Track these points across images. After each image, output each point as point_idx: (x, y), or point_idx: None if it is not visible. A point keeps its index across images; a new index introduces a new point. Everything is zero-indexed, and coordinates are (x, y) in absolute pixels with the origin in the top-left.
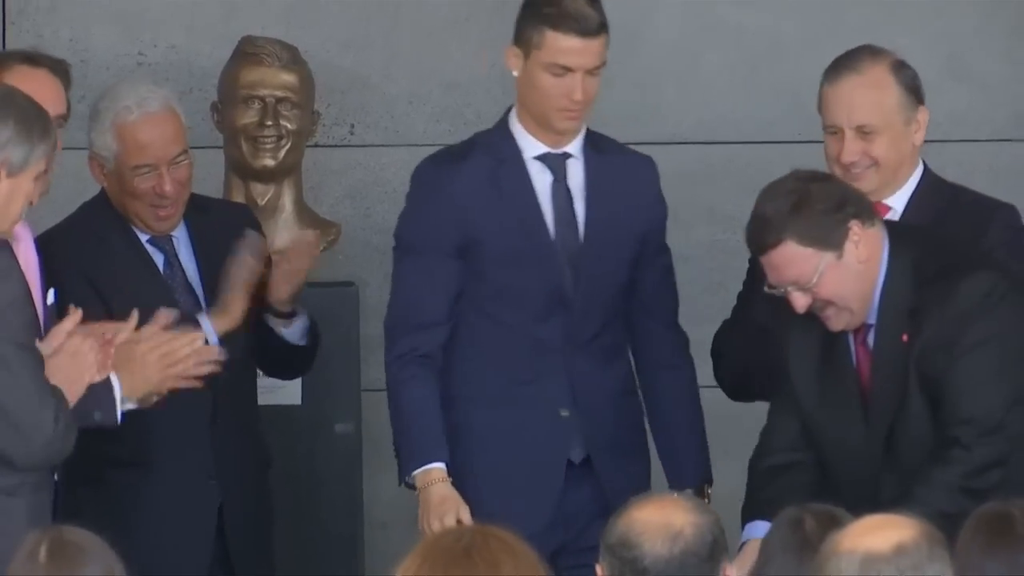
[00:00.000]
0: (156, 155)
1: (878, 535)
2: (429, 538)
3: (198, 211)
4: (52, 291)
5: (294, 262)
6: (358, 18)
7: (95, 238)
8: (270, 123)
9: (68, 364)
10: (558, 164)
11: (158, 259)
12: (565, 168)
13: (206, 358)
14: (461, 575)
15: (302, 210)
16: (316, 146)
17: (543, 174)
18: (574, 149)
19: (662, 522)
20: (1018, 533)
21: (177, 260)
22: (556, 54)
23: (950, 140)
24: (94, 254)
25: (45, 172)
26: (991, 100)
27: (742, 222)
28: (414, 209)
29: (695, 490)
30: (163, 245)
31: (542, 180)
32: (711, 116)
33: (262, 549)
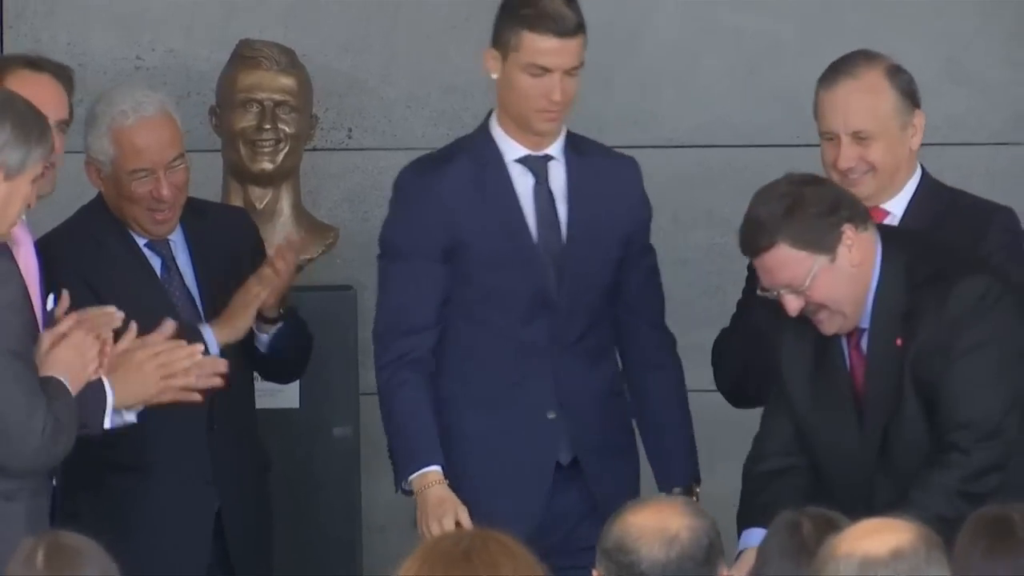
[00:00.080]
0: (153, 159)
1: (876, 539)
2: (428, 541)
3: (195, 215)
4: (52, 296)
5: (276, 267)
6: (356, 21)
7: (92, 242)
8: (268, 127)
9: (71, 355)
10: (539, 166)
11: (155, 263)
12: (547, 170)
13: (209, 370)
14: None
15: (300, 214)
16: (314, 150)
17: (525, 177)
18: (555, 151)
19: (658, 526)
20: (1019, 537)
21: (174, 264)
22: (534, 55)
23: (948, 143)
24: (91, 258)
25: (42, 175)
26: (989, 103)
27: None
28: (398, 215)
29: (684, 489)
30: (160, 249)
31: (524, 183)
32: (709, 119)
33: (261, 552)
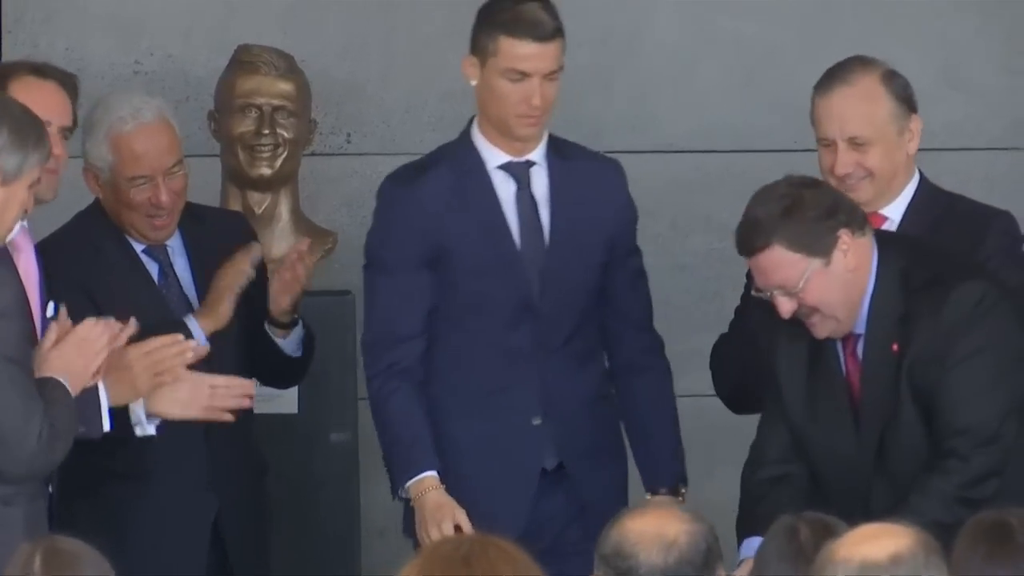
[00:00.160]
0: (152, 166)
1: (874, 544)
2: (428, 546)
3: (193, 220)
4: (52, 303)
5: (291, 272)
6: (355, 26)
7: (90, 248)
8: (267, 132)
9: (73, 353)
10: (522, 172)
11: (153, 269)
12: (529, 176)
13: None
14: None
15: (299, 219)
16: (313, 155)
17: (507, 183)
18: (537, 156)
19: (656, 531)
20: (1019, 542)
21: (172, 270)
22: (512, 60)
23: (946, 149)
24: (89, 264)
25: (40, 181)
26: (987, 109)
27: None
28: (382, 225)
29: (670, 490)
30: (158, 255)
31: (506, 189)
32: (708, 125)
33: (259, 558)
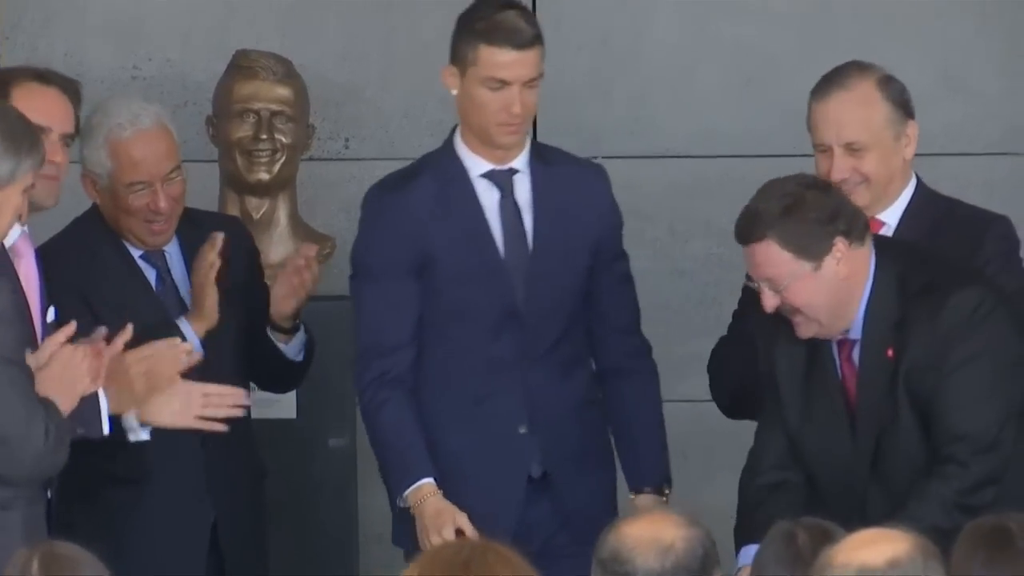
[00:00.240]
0: (150, 172)
1: (872, 549)
2: (428, 551)
3: (190, 225)
4: (52, 309)
5: (298, 277)
6: (353, 31)
7: (87, 253)
8: (265, 137)
9: (60, 375)
10: (505, 180)
11: (150, 275)
12: (512, 184)
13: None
14: None
15: (297, 224)
16: (311, 160)
17: (490, 191)
18: (520, 164)
19: (653, 536)
20: (1018, 547)
21: (169, 275)
22: (492, 68)
23: (945, 154)
24: (86, 270)
25: (34, 186)
26: (986, 114)
27: None
28: (368, 235)
29: (654, 490)
30: (155, 261)
31: (489, 197)
32: (706, 130)
33: (258, 562)
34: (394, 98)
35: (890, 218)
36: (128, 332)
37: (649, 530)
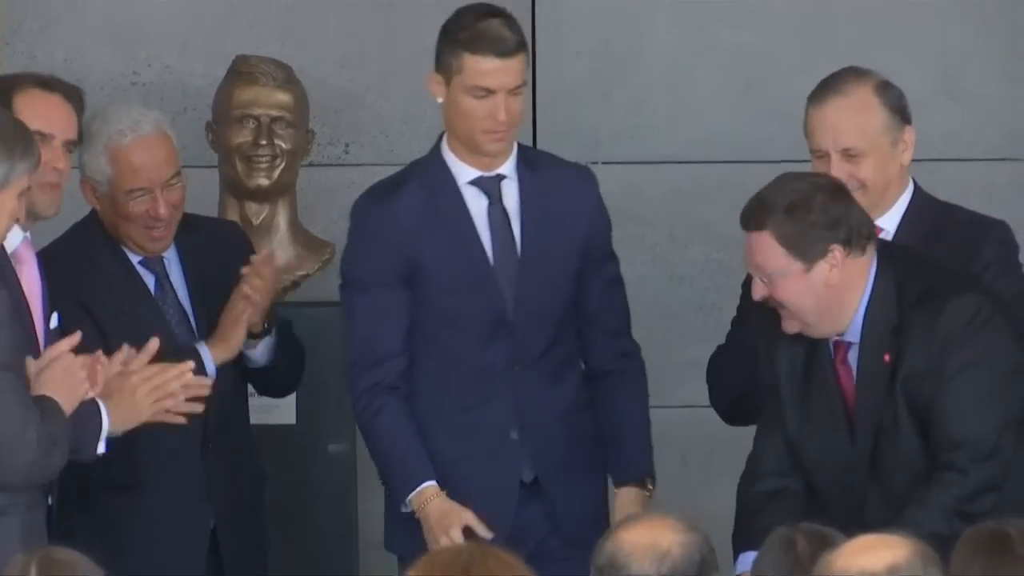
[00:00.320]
0: (150, 178)
1: (872, 555)
2: (427, 556)
3: (189, 231)
4: (55, 315)
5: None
6: (353, 37)
7: (86, 260)
8: (264, 142)
9: (61, 377)
10: (492, 187)
11: (149, 281)
12: (500, 190)
13: (193, 393)
14: None
15: (296, 230)
16: (311, 165)
17: (478, 198)
18: (507, 170)
19: (650, 542)
20: (1018, 552)
21: (168, 282)
22: (476, 77)
23: (944, 159)
24: (85, 276)
25: (30, 189)
26: (985, 119)
27: (737, 241)
28: (357, 244)
29: (637, 483)
30: (154, 267)
31: (478, 204)
32: (706, 135)
33: (257, 568)
34: (394, 104)
35: (888, 224)
36: (123, 352)
37: (646, 536)
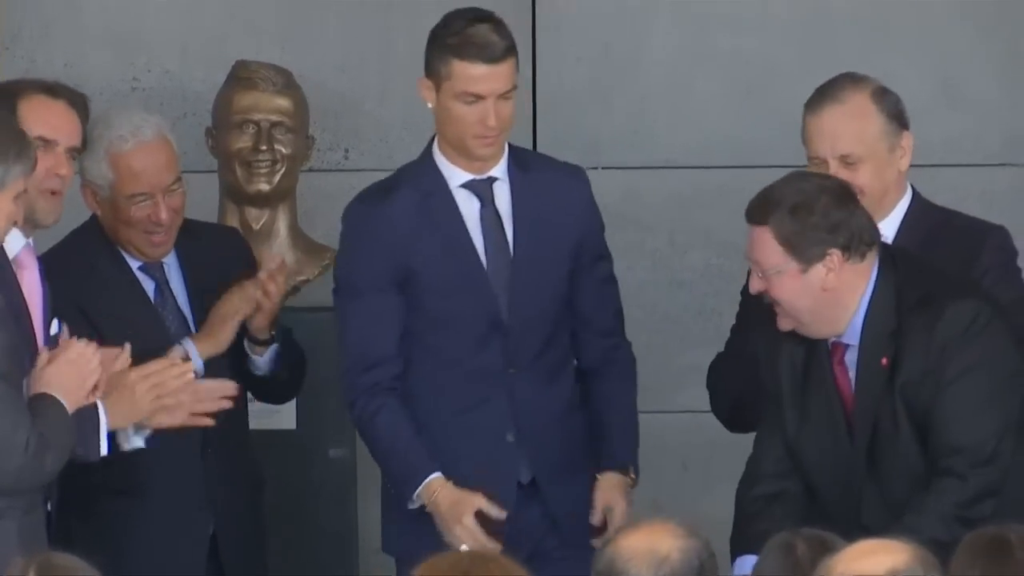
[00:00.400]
0: (151, 183)
1: (872, 559)
2: (428, 561)
3: (188, 236)
4: (56, 321)
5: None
6: (353, 42)
7: (86, 266)
8: (264, 148)
9: (67, 371)
10: (484, 190)
11: (148, 286)
12: (492, 192)
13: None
14: None
15: (296, 235)
16: (310, 171)
17: (470, 202)
18: (499, 172)
19: (648, 548)
20: (1017, 558)
21: (168, 287)
22: (465, 82)
23: (944, 165)
24: (84, 282)
25: (25, 191)
26: (985, 125)
27: (737, 247)
28: (350, 249)
29: (619, 470)
30: (154, 272)
31: (470, 207)
32: (706, 141)
33: (257, 573)
34: (393, 109)
35: (887, 230)
36: (126, 353)
37: (645, 541)
